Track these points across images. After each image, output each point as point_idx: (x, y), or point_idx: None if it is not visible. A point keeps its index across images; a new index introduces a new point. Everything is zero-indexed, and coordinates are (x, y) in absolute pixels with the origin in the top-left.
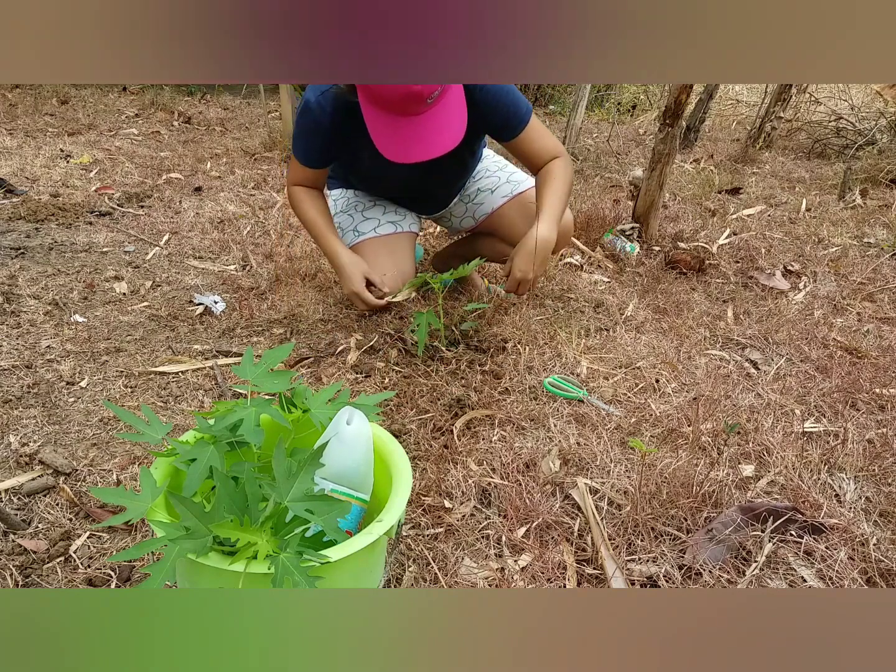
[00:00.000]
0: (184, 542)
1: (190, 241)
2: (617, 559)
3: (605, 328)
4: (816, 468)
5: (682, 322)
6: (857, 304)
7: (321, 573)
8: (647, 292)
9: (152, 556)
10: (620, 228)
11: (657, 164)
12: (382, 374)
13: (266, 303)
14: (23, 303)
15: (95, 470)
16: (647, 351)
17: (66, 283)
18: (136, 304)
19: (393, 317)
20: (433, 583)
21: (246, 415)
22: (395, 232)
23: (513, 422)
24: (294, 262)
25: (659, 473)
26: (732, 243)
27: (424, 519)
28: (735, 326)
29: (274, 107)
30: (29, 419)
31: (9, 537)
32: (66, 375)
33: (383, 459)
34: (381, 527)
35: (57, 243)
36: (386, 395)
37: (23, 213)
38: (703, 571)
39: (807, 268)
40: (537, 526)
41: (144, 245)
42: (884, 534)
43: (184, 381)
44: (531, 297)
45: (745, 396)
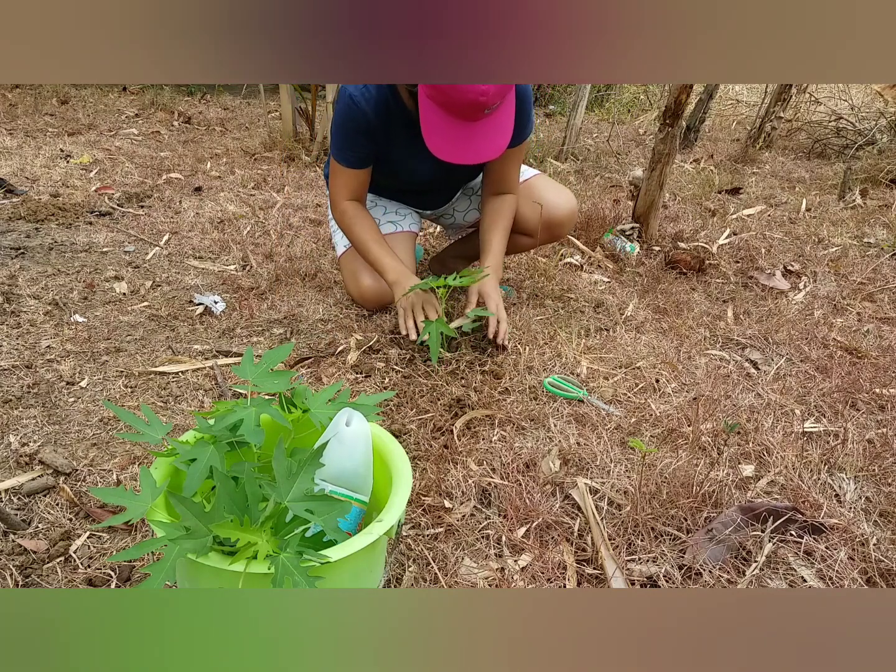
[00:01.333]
0: (184, 542)
1: (190, 241)
2: (617, 559)
3: (605, 328)
4: (816, 468)
5: (682, 322)
6: (857, 304)
7: (321, 573)
8: (647, 292)
9: (152, 556)
10: (620, 228)
11: (657, 164)
12: (382, 374)
13: (266, 303)
14: (23, 303)
15: (95, 470)
16: (647, 351)
17: (66, 283)
18: (136, 304)
19: (393, 316)
20: (433, 583)
21: (246, 415)
22: (395, 231)
23: (513, 422)
24: (294, 262)
25: (659, 473)
26: (732, 243)
27: (424, 519)
28: (735, 326)
29: (274, 107)
30: (29, 419)
31: (9, 537)
32: (66, 375)
33: (383, 459)
34: (381, 527)
35: (57, 243)
36: (386, 395)
37: (23, 213)
38: (703, 571)
39: (807, 268)
40: (537, 526)
41: (144, 245)
42: (884, 534)
43: (184, 381)
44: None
45: (745, 396)
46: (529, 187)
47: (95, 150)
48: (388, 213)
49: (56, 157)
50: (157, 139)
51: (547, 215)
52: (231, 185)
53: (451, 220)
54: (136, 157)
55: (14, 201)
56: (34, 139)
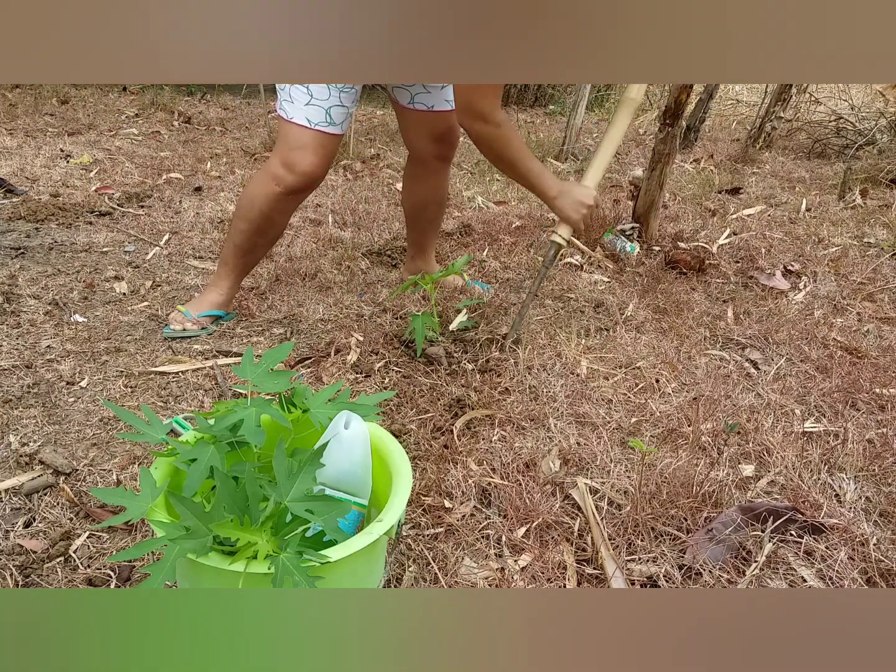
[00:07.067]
0: (184, 542)
1: (190, 241)
2: (617, 559)
3: (605, 328)
4: (816, 468)
5: (682, 322)
6: (857, 304)
7: (321, 573)
8: (647, 292)
9: (152, 556)
10: (620, 228)
11: (657, 164)
12: (382, 374)
13: (266, 303)
14: (23, 303)
15: (95, 470)
16: (647, 351)
17: (66, 283)
18: (136, 304)
19: (393, 317)
20: (433, 583)
21: (246, 415)
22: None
23: (513, 422)
24: (294, 262)
25: (659, 473)
26: (732, 243)
27: (424, 519)
28: (735, 326)
29: (274, 106)
30: (29, 419)
31: (9, 537)
32: (66, 375)
33: (383, 459)
34: (381, 527)
35: (57, 243)
36: (386, 395)
37: (23, 213)
38: (703, 571)
39: (807, 268)
40: (537, 526)
41: (144, 245)
42: (884, 534)
43: (184, 381)
44: None
45: (745, 396)
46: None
47: (95, 150)
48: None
49: (56, 157)
50: (157, 139)
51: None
52: (231, 185)
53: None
54: (136, 157)
55: (14, 201)
56: (34, 139)
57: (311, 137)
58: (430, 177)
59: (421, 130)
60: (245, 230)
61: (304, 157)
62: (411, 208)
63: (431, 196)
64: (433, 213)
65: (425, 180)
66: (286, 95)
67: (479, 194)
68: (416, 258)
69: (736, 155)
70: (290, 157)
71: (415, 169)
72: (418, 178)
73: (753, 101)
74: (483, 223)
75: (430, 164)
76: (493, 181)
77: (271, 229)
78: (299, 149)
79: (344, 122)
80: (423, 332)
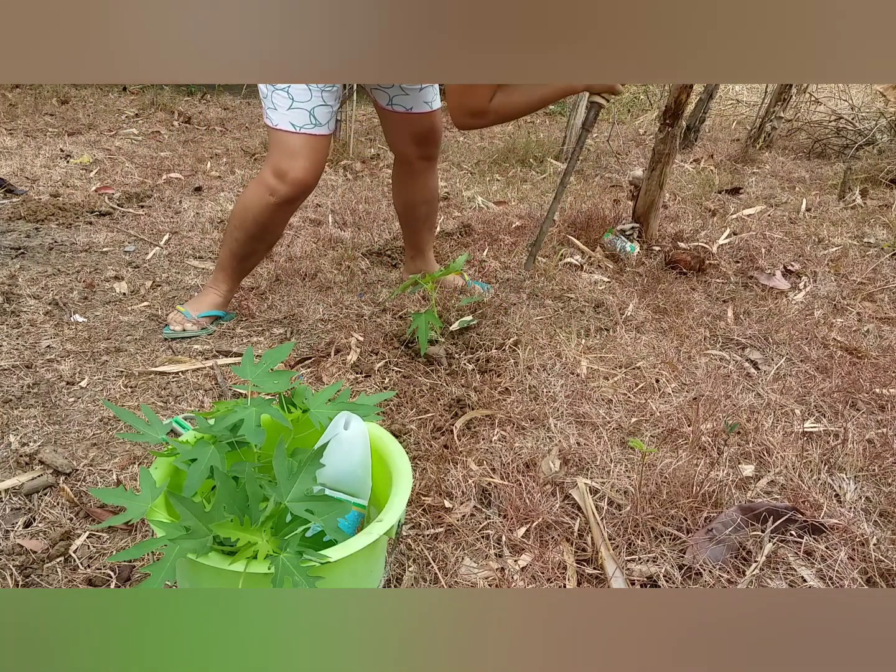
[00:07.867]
0: (184, 542)
1: (190, 241)
2: (617, 559)
3: (605, 328)
4: (816, 468)
5: (682, 322)
6: (857, 304)
7: (321, 573)
8: (647, 292)
9: (152, 556)
10: (620, 228)
11: (657, 164)
12: (382, 374)
13: (266, 303)
14: (23, 303)
15: (95, 470)
16: (647, 351)
17: (66, 283)
18: (136, 304)
19: (393, 317)
20: (433, 583)
21: (246, 415)
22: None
23: (513, 422)
24: (294, 262)
25: (659, 473)
26: (732, 243)
27: (424, 519)
28: (735, 326)
29: None
30: (29, 419)
31: (9, 537)
32: (66, 375)
33: (383, 459)
34: (381, 527)
35: (57, 243)
36: (386, 395)
37: (23, 213)
38: (703, 571)
39: (807, 268)
40: (537, 526)
41: (144, 245)
42: (884, 534)
43: (184, 381)
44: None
45: (745, 396)
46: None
47: (95, 150)
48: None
49: (56, 157)
50: (157, 139)
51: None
52: (231, 185)
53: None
54: (136, 157)
55: (14, 201)
56: (34, 139)
57: (299, 142)
58: (417, 177)
59: (402, 132)
60: (241, 238)
61: (294, 164)
62: (403, 209)
63: (421, 196)
64: (425, 213)
65: (413, 181)
66: (269, 103)
67: (478, 194)
68: (415, 258)
69: (736, 155)
70: (280, 165)
71: (401, 170)
72: (405, 179)
73: (753, 101)
74: (483, 223)
75: (415, 165)
76: (493, 181)
77: (268, 236)
78: (289, 156)
79: (330, 121)
80: (426, 330)
